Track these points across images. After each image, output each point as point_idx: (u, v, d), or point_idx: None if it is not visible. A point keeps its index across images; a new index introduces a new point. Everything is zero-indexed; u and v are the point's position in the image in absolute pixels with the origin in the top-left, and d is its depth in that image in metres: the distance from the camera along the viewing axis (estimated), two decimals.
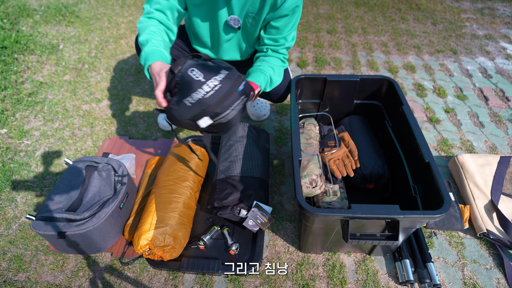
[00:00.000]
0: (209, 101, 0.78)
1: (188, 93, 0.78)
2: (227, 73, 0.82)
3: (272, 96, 1.34)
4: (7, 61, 1.91)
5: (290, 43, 1.14)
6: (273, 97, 1.34)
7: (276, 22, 1.06)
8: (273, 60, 1.15)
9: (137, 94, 1.80)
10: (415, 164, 1.01)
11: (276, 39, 1.12)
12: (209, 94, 0.78)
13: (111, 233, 1.07)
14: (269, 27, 1.09)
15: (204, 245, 1.09)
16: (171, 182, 1.12)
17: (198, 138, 1.46)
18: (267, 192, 1.16)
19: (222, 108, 0.80)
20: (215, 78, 0.79)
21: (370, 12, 2.71)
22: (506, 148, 1.51)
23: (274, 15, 1.04)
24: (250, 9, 1.06)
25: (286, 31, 1.09)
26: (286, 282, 1.05)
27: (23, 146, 1.49)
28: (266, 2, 1.02)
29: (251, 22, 1.10)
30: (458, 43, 2.30)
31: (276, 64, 1.15)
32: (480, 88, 1.88)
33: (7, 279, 1.05)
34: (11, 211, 1.24)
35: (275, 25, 1.07)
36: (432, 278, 1.01)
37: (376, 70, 2.02)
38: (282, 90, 1.31)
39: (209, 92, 0.78)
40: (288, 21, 1.06)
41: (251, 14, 1.08)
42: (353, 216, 0.80)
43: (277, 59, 1.16)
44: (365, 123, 1.33)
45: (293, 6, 1.01)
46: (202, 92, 0.78)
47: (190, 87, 0.78)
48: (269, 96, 1.34)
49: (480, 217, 1.15)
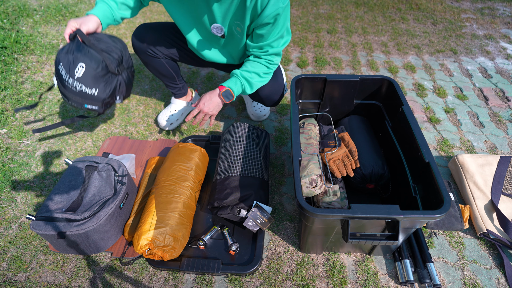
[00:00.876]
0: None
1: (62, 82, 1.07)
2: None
3: (265, 101, 1.36)
4: (7, 61, 1.91)
5: (277, 49, 1.14)
6: (266, 101, 1.37)
7: (260, 30, 1.07)
8: (255, 65, 1.17)
9: (137, 94, 1.80)
10: (415, 164, 1.01)
11: (261, 46, 1.13)
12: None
13: (111, 233, 1.07)
14: (255, 35, 1.10)
15: (204, 245, 1.09)
16: (171, 182, 1.12)
17: (198, 138, 1.46)
18: (267, 192, 1.16)
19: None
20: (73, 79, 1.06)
21: (370, 12, 2.71)
22: (506, 148, 1.51)
23: (256, 23, 1.05)
24: (234, 18, 1.07)
25: (270, 38, 1.10)
26: (286, 282, 1.05)
27: (23, 146, 1.49)
28: (247, 12, 1.02)
29: (237, 30, 1.11)
30: (458, 43, 2.30)
31: (258, 68, 1.17)
32: (480, 88, 1.88)
33: (7, 279, 1.05)
34: (11, 211, 1.24)
35: (259, 33, 1.08)
36: (432, 278, 1.01)
37: (376, 70, 2.02)
38: (274, 95, 1.33)
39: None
40: (271, 29, 1.06)
41: (236, 22, 1.09)
42: (353, 216, 0.80)
43: (260, 65, 1.17)
44: (365, 123, 1.33)
45: (274, 14, 1.00)
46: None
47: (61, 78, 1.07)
48: (262, 100, 1.36)
49: (480, 217, 1.15)
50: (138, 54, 1.32)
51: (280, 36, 1.11)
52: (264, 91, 1.30)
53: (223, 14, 1.06)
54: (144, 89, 1.84)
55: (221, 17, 1.08)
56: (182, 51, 1.34)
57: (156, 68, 1.36)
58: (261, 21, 1.03)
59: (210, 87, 1.87)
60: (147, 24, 1.31)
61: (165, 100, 1.75)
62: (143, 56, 1.32)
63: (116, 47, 1.11)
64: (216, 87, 1.86)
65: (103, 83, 1.08)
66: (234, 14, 1.06)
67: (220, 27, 1.10)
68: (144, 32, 1.28)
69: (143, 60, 1.35)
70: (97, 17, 1.08)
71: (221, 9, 1.05)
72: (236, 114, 1.68)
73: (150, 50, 1.29)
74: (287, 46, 2.23)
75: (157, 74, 1.41)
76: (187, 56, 1.37)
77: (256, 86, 1.21)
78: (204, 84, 1.89)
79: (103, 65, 1.06)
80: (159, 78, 1.45)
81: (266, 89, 1.29)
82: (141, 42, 1.28)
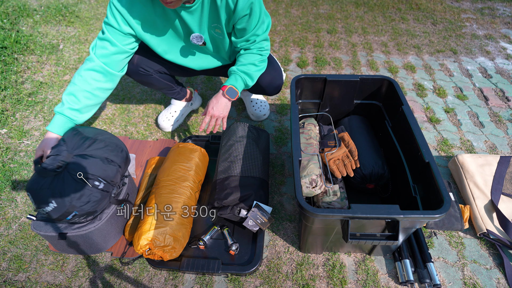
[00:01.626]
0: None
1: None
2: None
3: (268, 90, 1.35)
4: (7, 61, 1.91)
5: (262, 35, 1.14)
6: (269, 90, 1.35)
7: (239, 24, 1.06)
8: (248, 57, 1.16)
9: (137, 94, 1.80)
10: (415, 164, 1.01)
11: (247, 39, 1.12)
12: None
13: (111, 234, 1.07)
14: (236, 30, 1.10)
15: (204, 245, 1.09)
16: (171, 182, 1.12)
17: (198, 138, 1.46)
18: (267, 192, 1.16)
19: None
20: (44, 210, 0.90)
21: (370, 12, 2.71)
22: (506, 148, 1.51)
23: (234, 19, 1.04)
24: (210, 22, 1.07)
25: (253, 28, 1.09)
26: (286, 282, 1.05)
27: (23, 146, 1.49)
28: (220, 11, 1.02)
29: (217, 32, 1.11)
30: (458, 43, 2.30)
31: (252, 58, 1.16)
32: (480, 88, 1.88)
33: (7, 279, 1.05)
34: (11, 211, 1.24)
35: (240, 27, 1.08)
36: (432, 278, 1.01)
37: (376, 70, 2.02)
38: (275, 80, 1.32)
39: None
40: (250, 19, 1.05)
41: (213, 25, 1.08)
42: (353, 216, 0.80)
43: (253, 55, 1.16)
44: (365, 123, 1.33)
45: (248, 4, 1.00)
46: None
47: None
48: (264, 90, 1.35)
49: (480, 217, 1.15)
50: (130, 75, 1.29)
51: (261, 22, 1.10)
52: (264, 80, 1.29)
53: (197, 22, 1.06)
54: (144, 89, 1.84)
55: (197, 25, 1.07)
56: (172, 64, 1.32)
57: (151, 83, 1.35)
58: (238, 15, 1.02)
59: (210, 86, 1.87)
60: None
61: (165, 100, 1.75)
62: (135, 76, 1.29)
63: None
64: (216, 87, 1.88)
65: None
66: (208, 18, 1.06)
67: (199, 35, 1.10)
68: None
69: (136, 80, 1.32)
70: (54, 133, 1.04)
71: (194, 18, 1.05)
72: (236, 114, 1.68)
73: (141, 69, 1.27)
74: (285, 45, 2.23)
75: (153, 88, 1.40)
76: (179, 68, 1.35)
77: (256, 76, 1.20)
78: (204, 84, 1.89)
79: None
80: (159, 90, 1.44)
81: (266, 78, 1.29)
82: (131, 63, 1.24)
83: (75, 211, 0.88)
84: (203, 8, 1.02)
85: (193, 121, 1.64)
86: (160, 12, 1.05)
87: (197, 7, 1.01)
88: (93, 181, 0.90)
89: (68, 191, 0.86)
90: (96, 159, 0.92)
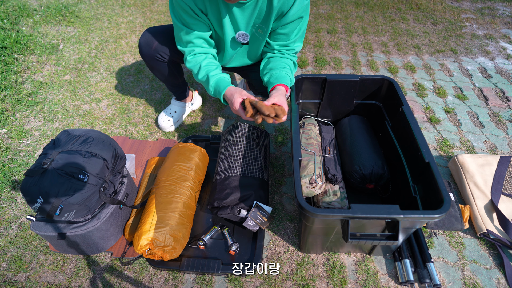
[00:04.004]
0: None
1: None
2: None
3: (256, 86, 1.35)
4: (7, 61, 1.91)
5: (300, 45, 1.16)
6: (256, 87, 1.36)
7: (283, 29, 1.07)
8: (286, 60, 1.16)
9: (137, 94, 1.80)
10: (415, 164, 1.01)
11: (285, 45, 1.13)
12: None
13: (111, 234, 1.07)
14: (277, 34, 1.10)
15: (204, 245, 1.09)
16: (171, 182, 1.12)
17: (198, 138, 1.46)
18: (267, 192, 1.16)
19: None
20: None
21: (370, 12, 2.71)
22: (506, 148, 1.51)
23: (280, 22, 1.05)
24: (257, 21, 1.07)
25: (295, 36, 1.11)
26: (286, 282, 1.05)
27: (23, 146, 1.49)
28: (272, 12, 1.02)
29: (259, 32, 1.11)
30: (458, 43, 2.30)
31: (289, 62, 1.16)
32: (480, 88, 1.88)
33: (7, 279, 1.05)
34: (11, 211, 1.24)
35: (282, 32, 1.08)
36: (432, 278, 1.01)
37: (376, 70, 2.02)
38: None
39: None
40: (295, 26, 1.07)
41: (257, 25, 1.08)
42: (353, 216, 0.80)
43: (288, 60, 1.16)
44: (365, 123, 1.33)
45: (300, 12, 1.01)
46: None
47: None
48: (253, 87, 1.36)
49: (480, 217, 1.15)
50: (146, 59, 1.29)
51: (301, 35, 1.13)
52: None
53: (247, 19, 1.06)
54: (144, 89, 1.84)
55: (244, 23, 1.07)
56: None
57: (162, 72, 1.34)
58: (287, 20, 1.03)
59: None
60: (154, 29, 1.28)
61: (165, 100, 1.75)
62: (151, 61, 1.29)
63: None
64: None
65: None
66: (257, 17, 1.05)
67: (245, 34, 1.10)
68: (153, 38, 1.25)
69: (149, 65, 1.32)
70: (229, 87, 1.07)
71: (244, 15, 1.04)
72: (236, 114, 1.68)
73: (158, 55, 1.26)
74: None
75: (162, 78, 1.39)
76: None
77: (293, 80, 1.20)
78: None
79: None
80: (163, 82, 1.44)
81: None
82: (149, 47, 1.25)
83: (60, 204, 0.90)
84: (256, 5, 1.01)
85: (193, 121, 1.64)
86: (214, 8, 1.03)
87: (251, 3, 1.01)
88: (78, 174, 0.92)
89: (52, 186, 0.89)
90: (79, 153, 0.95)
